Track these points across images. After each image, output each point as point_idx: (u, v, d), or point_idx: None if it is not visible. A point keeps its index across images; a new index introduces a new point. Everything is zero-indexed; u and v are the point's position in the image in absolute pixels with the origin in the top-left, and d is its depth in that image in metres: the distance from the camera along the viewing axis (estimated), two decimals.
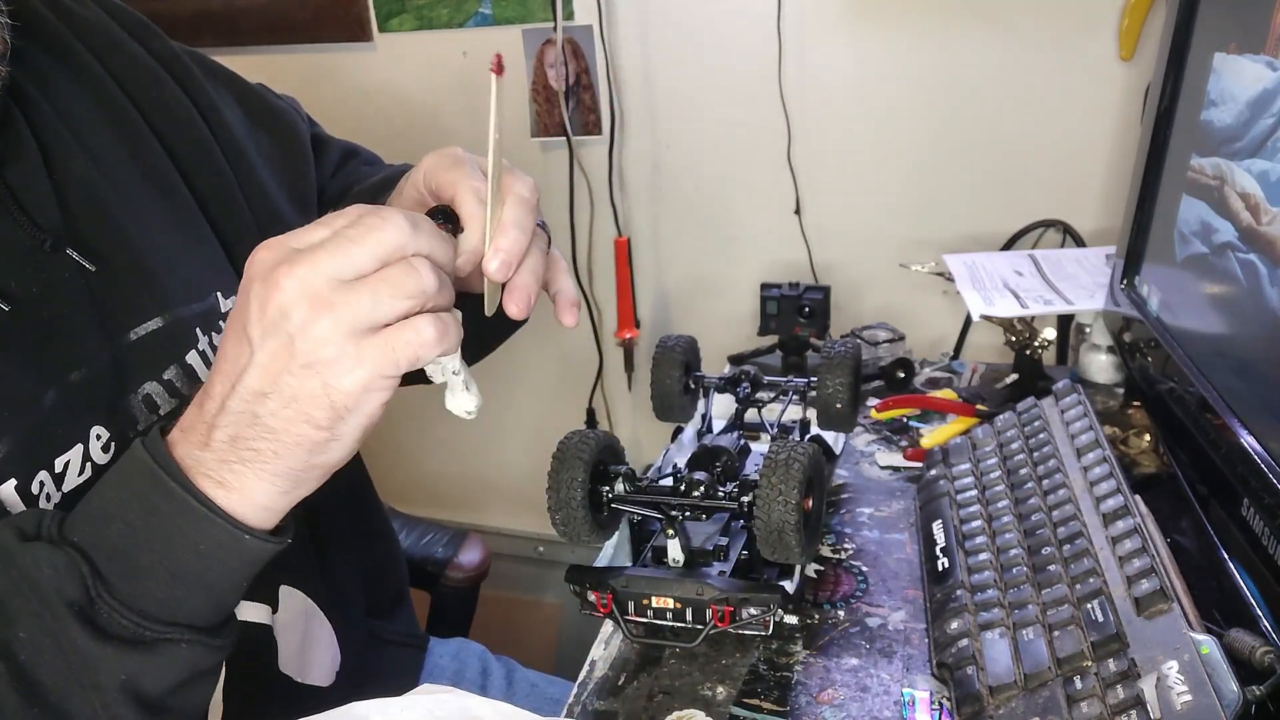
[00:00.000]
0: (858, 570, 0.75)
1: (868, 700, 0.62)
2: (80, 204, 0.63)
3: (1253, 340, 0.66)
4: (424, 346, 0.49)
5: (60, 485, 0.58)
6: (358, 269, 0.48)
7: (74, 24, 0.69)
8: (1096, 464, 0.71)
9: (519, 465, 1.91)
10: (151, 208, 0.68)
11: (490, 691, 0.94)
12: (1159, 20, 1.22)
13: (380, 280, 0.48)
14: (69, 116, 0.65)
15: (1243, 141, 0.67)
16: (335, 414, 0.49)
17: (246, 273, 0.50)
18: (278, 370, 0.48)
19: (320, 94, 1.68)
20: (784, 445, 0.62)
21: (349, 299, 0.48)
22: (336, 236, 0.49)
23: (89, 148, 0.65)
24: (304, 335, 0.48)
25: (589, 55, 1.53)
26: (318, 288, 0.48)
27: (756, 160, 1.51)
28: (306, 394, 0.49)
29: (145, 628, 0.50)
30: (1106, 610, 0.57)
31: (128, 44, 0.72)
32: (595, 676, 0.66)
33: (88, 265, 0.61)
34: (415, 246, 0.50)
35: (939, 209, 1.45)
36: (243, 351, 0.49)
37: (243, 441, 0.50)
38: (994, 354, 1.36)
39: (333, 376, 0.48)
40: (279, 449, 0.50)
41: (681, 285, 1.66)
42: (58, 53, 0.67)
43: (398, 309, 0.49)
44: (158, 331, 0.65)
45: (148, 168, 0.69)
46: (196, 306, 0.68)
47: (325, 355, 0.48)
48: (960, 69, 1.37)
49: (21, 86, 0.63)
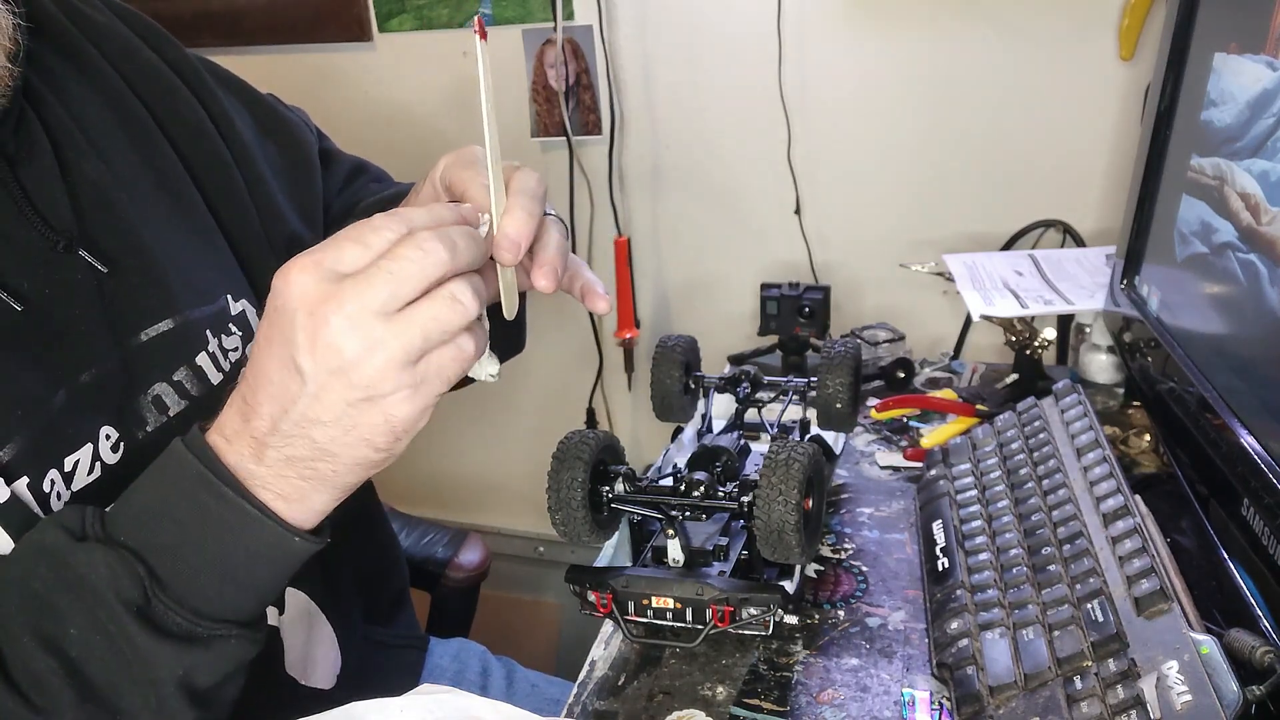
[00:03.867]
0: (858, 570, 0.75)
1: (868, 700, 0.62)
2: (92, 205, 0.63)
3: (1253, 340, 0.66)
4: (467, 361, 0.52)
5: (70, 484, 0.58)
6: (403, 300, 0.49)
7: (86, 28, 0.70)
8: (1096, 464, 0.71)
9: (519, 465, 1.91)
10: (162, 210, 0.68)
11: (490, 692, 0.94)
12: (1159, 20, 1.22)
13: (430, 319, 0.50)
14: (81, 118, 0.66)
15: (1243, 141, 0.67)
16: (394, 436, 0.52)
17: (282, 292, 0.50)
18: (336, 402, 0.50)
19: (320, 94, 1.68)
20: (784, 445, 0.62)
21: (400, 334, 0.49)
22: (380, 270, 0.49)
23: (101, 149, 0.66)
24: (359, 370, 0.49)
25: (589, 55, 1.53)
26: (368, 324, 0.48)
27: (756, 160, 1.51)
28: (367, 423, 0.50)
29: (198, 624, 0.52)
30: (1106, 610, 0.57)
31: (140, 49, 0.72)
32: (595, 676, 0.66)
33: (100, 266, 0.62)
34: (455, 268, 0.51)
35: (939, 209, 1.45)
36: (293, 379, 0.50)
37: (301, 462, 0.52)
38: (994, 354, 1.36)
39: (392, 407, 0.50)
40: (338, 469, 0.52)
41: (681, 285, 1.66)
42: (70, 55, 0.68)
43: (445, 339, 0.51)
44: (168, 333, 0.65)
45: (159, 171, 0.70)
46: (206, 309, 0.68)
47: (383, 389, 0.49)
48: (960, 69, 1.37)
49: (35, 88, 0.63)
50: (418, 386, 0.50)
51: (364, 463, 0.52)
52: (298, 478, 0.52)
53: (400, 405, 0.50)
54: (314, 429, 0.50)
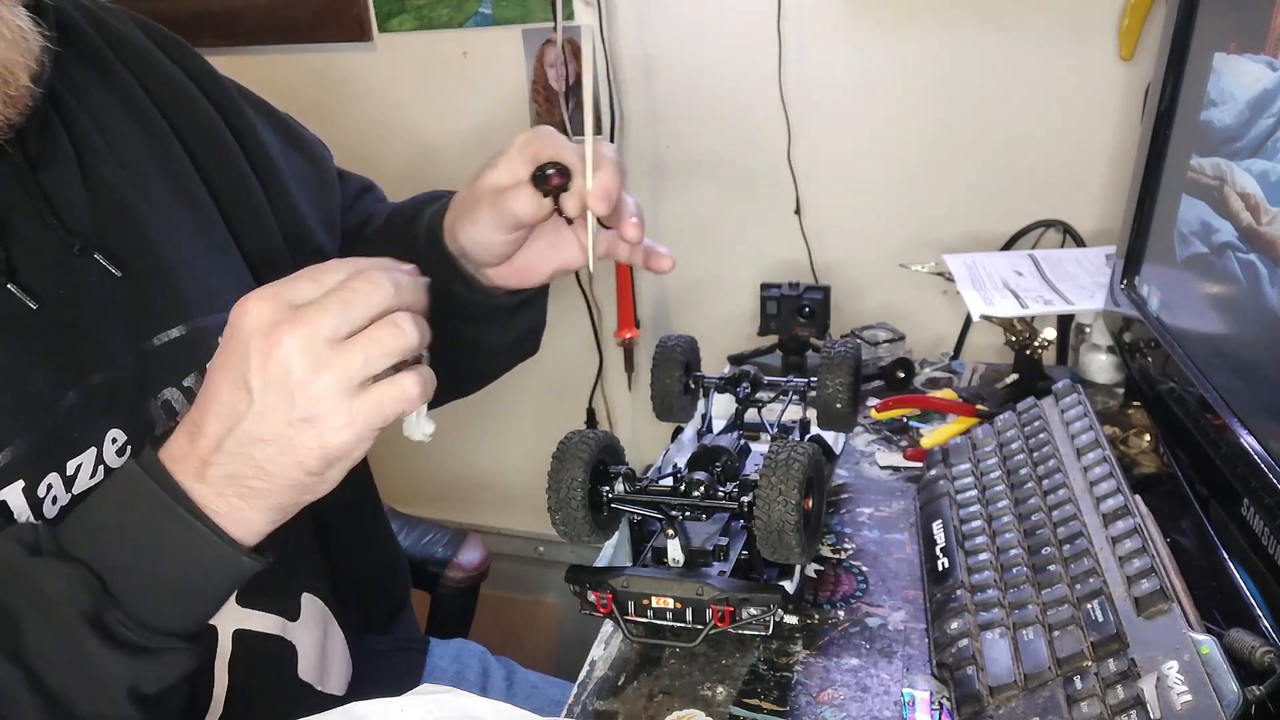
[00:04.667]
0: (858, 570, 0.75)
1: (868, 700, 0.62)
2: (110, 210, 0.65)
3: (1253, 340, 0.66)
4: (409, 402, 0.54)
5: (70, 488, 0.59)
6: (351, 326, 0.53)
7: (110, 38, 0.71)
8: (1096, 464, 0.71)
9: (519, 465, 1.91)
10: (177, 218, 0.70)
11: (490, 693, 0.94)
12: (1159, 20, 1.22)
13: (370, 340, 0.53)
14: (103, 125, 0.68)
15: (1243, 141, 0.67)
16: (327, 461, 0.54)
17: (238, 321, 0.53)
18: (278, 421, 0.53)
19: (320, 94, 1.68)
20: (784, 445, 0.62)
21: (344, 358, 0.52)
22: (331, 298, 0.53)
23: (121, 156, 0.67)
24: (304, 391, 0.52)
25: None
26: (317, 347, 0.52)
27: (756, 160, 1.51)
28: (303, 444, 0.53)
29: (147, 637, 0.54)
30: (1106, 610, 0.57)
31: (161, 61, 0.74)
32: (595, 676, 0.66)
33: (114, 270, 0.63)
34: (399, 303, 0.54)
35: (939, 209, 1.45)
36: (240, 398, 0.53)
37: (239, 479, 0.54)
38: (994, 354, 1.36)
39: (328, 430, 0.53)
40: (272, 488, 0.55)
41: (681, 285, 1.66)
42: (94, 64, 0.69)
43: (386, 364, 0.54)
44: (180, 339, 0.67)
45: (176, 180, 0.71)
46: (218, 317, 0.69)
47: (322, 410, 0.52)
48: (960, 69, 1.37)
49: (60, 93, 0.65)
50: (355, 416, 0.53)
51: (296, 484, 0.55)
52: (235, 495, 0.55)
53: (337, 431, 0.53)
54: (255, 447, 0.53)
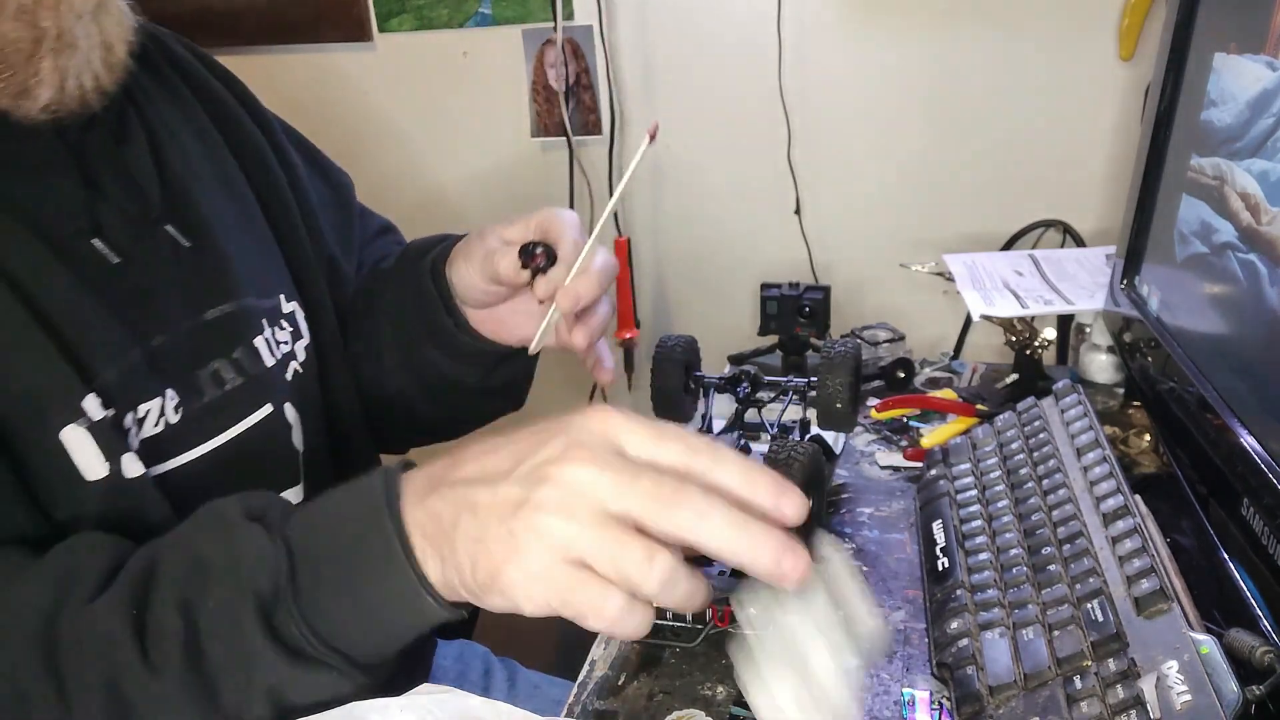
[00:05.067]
0: (858, 570, 0.75)
1: (868, 700, 0.62)
2: (176, 192, 0.70)
3: (1253, 340, 0.66)
4: (602, 623, 0.47)
5: (140, 429, 0.63)
6: (649, 524, 0.46)
7: (169, 56, 0.77)
8: (1096, 464, 0.71)
9: None
10: (230, 213, 0.75)
11: (493, 693, 0.94)
12: (1159, 20, 1.22)
13: (647, 559, 0.46)
14: (168, 124, 0.73)
15: (1243, 141, 0.67)
16: (491, 580, 0.48)
17: (580, 420, 0.48)
18: (497, 511, 0.47)
19: (320, 94, 1.68)
20: (784, 445, 0.62)
21: (592, 533, 0.45)
22: (663, 484, 0.46)
23: (182, 148, 0.73)
24: (535, 510, 0.46)
25: (589, 55, 1.53)
26: (587, 502, 0.46)
27: (756, 160, 1.51)
28: (489, 543, 0.47)
29: (309, 643, 0.50)
30: (1106, 610, 0.57)
31: (209, 79, 0.79)
32: (595, 676, 0.66)
33: (184, 241, 0.68)
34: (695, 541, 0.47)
35: (939, 209, 1.45)
36: (500, 469, 0.49)
37: (440, 520, 0.49)
38: (994, 354, 1.36)
39: (517, 558, 0.47)
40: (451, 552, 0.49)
41: (681, 285, 1.66)
42: (155, 75, 0.74)
43: (611, 573, 0.46)
44: (230, 315, 0.70)
45: (228, 181, 0.76)
46: (264, 302, 0.75)
47: (533, 544, 0.46)
48: (960, 69, 1.37)
49: (131, 92, 0.70)
50: (552, 583, 0.46)
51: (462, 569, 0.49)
52: (434, 532, 0.50)
53: (525, 571, 0.47)
54: (466, 509, 0.48)
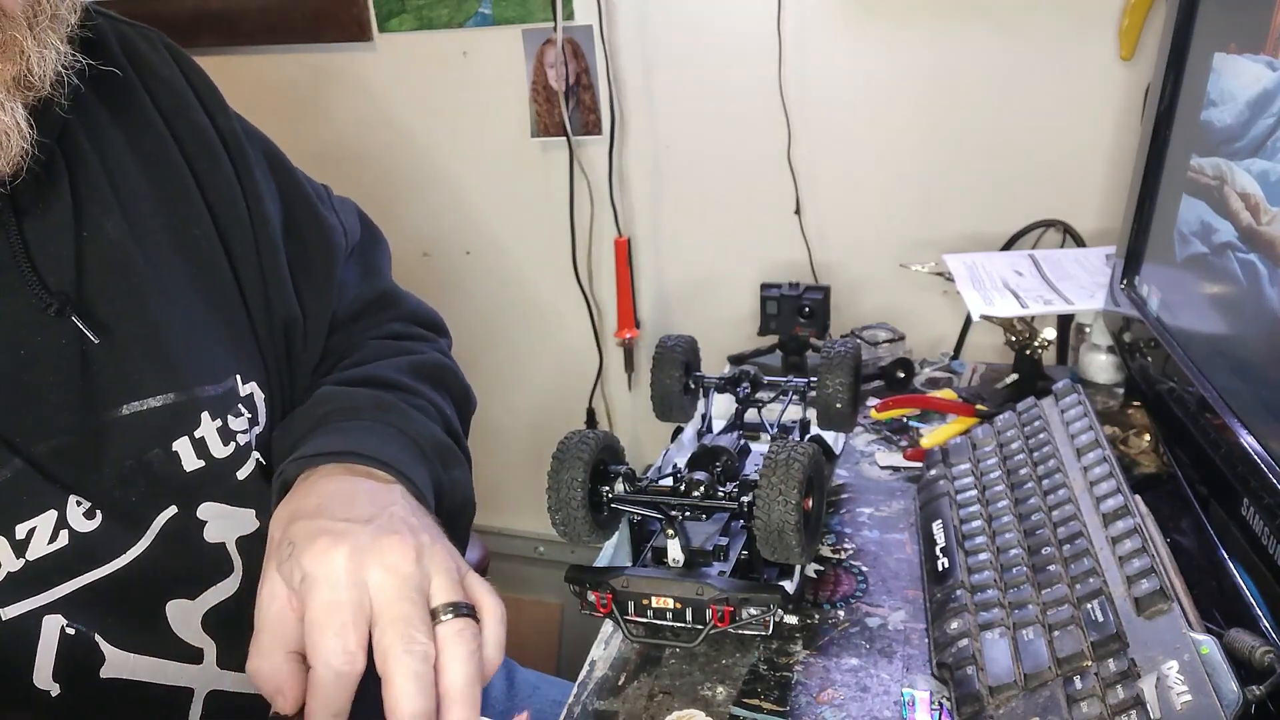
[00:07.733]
0: (858, 570, 0.75)
1: (868, 700, 0.62)
2: (101, 267, 0.61)
3: (1253, 340, 0.66)
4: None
5: (23, 553, 0.57)
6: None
7: (147, 77, 0.68)
8: (1096, 464, 0.71)
9: (519, 465, 1.91)
10: (181, 278, 0.66)
11: (491, 693, 0.94)
12: (1159, 20, 1.22)
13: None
14: (115, 174, 0.64)
15: (1243, 141, 0.67)
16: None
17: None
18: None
19: (320, 94, 1.68)
20: (784, 445, 0.62)
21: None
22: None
23: (128, 209, 0.64)
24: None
25: (589, 55, 1.53)
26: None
27: (756, 160, 1.51)
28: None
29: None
30: (1106, 610, 0.57)
31: (197, 113, 0.70)
32: (595, 676, 0.66)
33: (91, 336, 0.60)
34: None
35: (939, 209, 1.45)
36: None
37: None
38: (994, 354, 1.36)
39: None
40: None
41: (681, 285, 1.66)
42: (122, 105, 0.66)
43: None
44: (159, 409, 0.63)
45: (189, 239, 0.68)
46: (211, 389, 0.66)
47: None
48: (960, 69, 1.37)
49: (74, 135, 0.61)
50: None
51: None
52: None
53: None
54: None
